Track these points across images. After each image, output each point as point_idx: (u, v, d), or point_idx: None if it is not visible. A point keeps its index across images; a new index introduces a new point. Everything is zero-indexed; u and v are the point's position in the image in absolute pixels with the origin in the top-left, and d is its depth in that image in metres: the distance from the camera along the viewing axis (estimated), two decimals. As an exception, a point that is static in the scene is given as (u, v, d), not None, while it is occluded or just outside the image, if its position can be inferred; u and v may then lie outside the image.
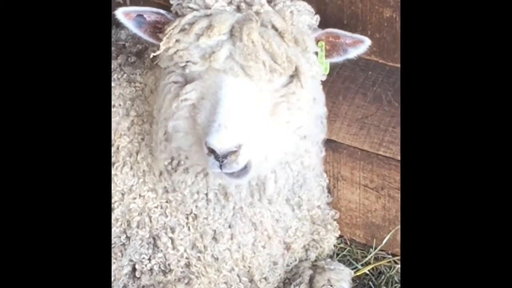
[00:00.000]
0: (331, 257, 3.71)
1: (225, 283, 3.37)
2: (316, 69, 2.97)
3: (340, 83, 3.63)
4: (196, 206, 3.22)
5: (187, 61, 2.84)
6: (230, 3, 2.87)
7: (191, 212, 3.24)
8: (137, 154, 3.29)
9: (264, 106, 2.87)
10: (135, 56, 3.41)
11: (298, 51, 2.87)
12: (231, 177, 2.88)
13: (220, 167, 2.79)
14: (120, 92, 3.32)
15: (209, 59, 2.79)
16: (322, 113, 3.19)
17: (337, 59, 3.04)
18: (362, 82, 3.62)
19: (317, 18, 3.00)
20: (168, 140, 3.04)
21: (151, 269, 3.31)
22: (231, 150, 2.75)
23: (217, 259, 3.31)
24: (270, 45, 2.79)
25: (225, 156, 2.76)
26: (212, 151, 2.76)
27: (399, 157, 3.50)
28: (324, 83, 3.12)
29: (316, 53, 2.97)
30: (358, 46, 3.01)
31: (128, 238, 3.31)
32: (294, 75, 2.90)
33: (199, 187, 3.17)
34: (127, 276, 3.32)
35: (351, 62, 3.13)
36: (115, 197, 3.30)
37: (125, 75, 3.36)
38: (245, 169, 2.86)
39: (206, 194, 3.19)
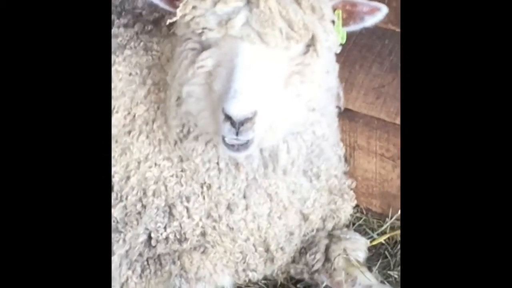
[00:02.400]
0: (347, 226, 3.71)
1: (241, 252, 3.38)
2: (332, 38, 2.95)
3: (357, 52, 3.62)
4: (209, 176, 3.21)
5: (203, 28, 2.82)
6: (247, -30, 2.85)
7: (204, 182, 3.24)
8: (153, 122, 3.29)
9: (279, 75, 2.86)
10: (152, 24, 3.40)
11: (315, 19, 2.86)
12: (231, 150, 2.88)
13: (237, 134, 2.79)
14: (137, 61, 3.33)
15: (226, 25, 2.78)
16: (334, 85, 3.17)
17: (354, 27, 3.02)
18: (379, 51, 3.61)
19: None
20: (179, 105, 3.04)
21: (166, 238, 3.32)
22: (247, 116, 2.74)
23: (232, 228, 3.31)
24: (287, 12, 2.78)
25: (242, 123, 2.75)
26: (228, 118, 2.76)
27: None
28: (340, 52, 3.09)
29: (333, 22, 2.95)
30: (375, 13, 2.99)
31: (143, 206, 3.32)
32: (311, 45, 2.89)
33: (210, 156, 3.17)
34: (143, 244, 3.32)
35: (368, 30, 3.10)
36: (131, 165, 3.31)
37: (142, 43, 3.36)
38: (246, 144, 2.85)
39: (218, 164, 3.19)
